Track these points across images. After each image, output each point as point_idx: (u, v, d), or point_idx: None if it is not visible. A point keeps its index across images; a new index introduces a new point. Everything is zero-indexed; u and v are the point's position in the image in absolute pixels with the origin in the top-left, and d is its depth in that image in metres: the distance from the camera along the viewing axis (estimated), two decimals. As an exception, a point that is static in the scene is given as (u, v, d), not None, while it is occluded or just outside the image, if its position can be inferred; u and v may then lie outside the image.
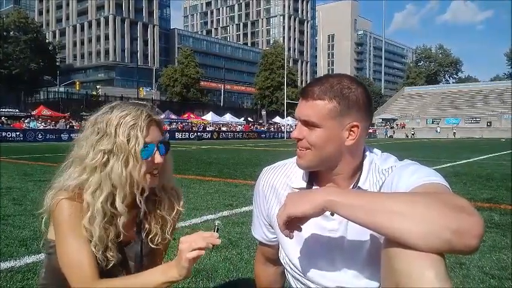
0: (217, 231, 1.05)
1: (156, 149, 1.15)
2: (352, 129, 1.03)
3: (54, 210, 1.12)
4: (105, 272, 1.13)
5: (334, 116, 1.01)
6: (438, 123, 54.31)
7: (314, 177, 1.13)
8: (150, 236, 1.25)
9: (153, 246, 1.25)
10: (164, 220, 1.27)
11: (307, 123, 1.04)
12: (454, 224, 0.75)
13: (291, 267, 1.18)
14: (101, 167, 1.11)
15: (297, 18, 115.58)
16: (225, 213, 4.23)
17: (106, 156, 1.11)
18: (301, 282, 1.16)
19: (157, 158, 1.15)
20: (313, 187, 1.12)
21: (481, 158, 12.72)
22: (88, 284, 1.08)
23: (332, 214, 1.08)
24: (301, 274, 1.14)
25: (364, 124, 1.05)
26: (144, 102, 1.23)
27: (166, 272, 1.06)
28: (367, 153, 1.12)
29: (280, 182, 1.20)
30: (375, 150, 1.15)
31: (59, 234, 1.11)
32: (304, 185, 1.14)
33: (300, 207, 0.89)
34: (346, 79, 1.05)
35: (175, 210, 1.29)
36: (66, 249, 1.10)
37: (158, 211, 1.26)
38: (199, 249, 1.00)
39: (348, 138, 1.03)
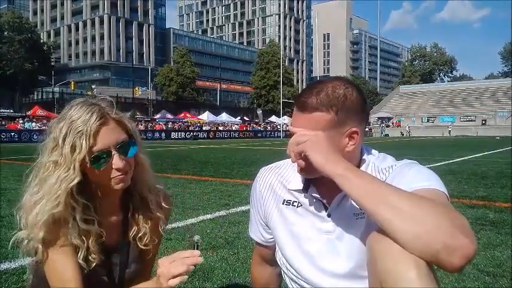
0: (197, 248, 0.98)
1: (114, 153, 1.07)
2: (352, 135, 1.02)
3: None
4: (88, 279, 1.10)
5: (332, 126, 1.00)
6: (408, 125, 54.05)
7: (311, 179, 1.13)
8: (139, 235, 1.21)
9: (142, 246, 1.22)
10: (153, 219, 1.23)
11: None
12: (448, 239, 0.76)
13: (287, 268, 1.18)
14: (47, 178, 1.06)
15: (292, 17, 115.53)
16: (222, 212, 4.22)
17: (53, 167, 1.06)
18: (298, 284, 1.16)
19: (116, 163, 1.07)
20: (310, 189, 1.12)
21: (475, 156, 12.77)
22: None
23: (329, 215, 1.09)
24: (298, 275, 1.14)
25: (363, 127, 1.05)
26: (103, 97, 1.14)
27: None
28: (365, 155, 1.12)
29: (277, 182, 1.21)
30: (373, 151, 1.15)
31: (43, 250, 1.09)
32: (300, 187, 1.14)
33: (317, 155, 0.94)
34: (340, 84, 1.02)
35: (162, 208, 1.26)
36: (51, 264, 1.08)
37: (147, 211, 1.23)
38: (180, 275, 0.95)
39: (348, 144, 1.03)
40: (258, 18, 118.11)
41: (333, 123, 1.00)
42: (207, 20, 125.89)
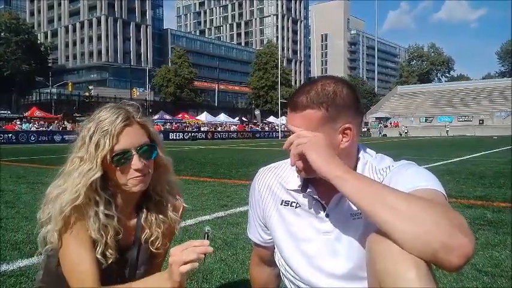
0: (207, 238, 1.01)
1: (134, 154, 1.12)
2: (346, 131, 1.03)
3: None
4: (101, 275, 1.12)
5: (325, 123, 1.01)
6: (405, 125, 54.24)
7: (309, 179, 1.12)
8: (151, 239, 1.24)
9: (153, 250, 1.24)
10: (166, 223, 1.26)
11: None
12: (446, 238, 0.76)
13: (286, 269, 1.18)
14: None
15: (290, 18, 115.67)
16: (220, 213, 4.22)
17: (78, 162, 1.12)
18: (296, 284, 1.16)
19: (135, 164, 1.12)
20: (308, 189, 1.12)
21: (473, 155, 12.81)
22: None
23: (327, 216, 1.09)
24: (296, 276, 1.14)
25: (356, 123, 1.05)
26: (131, 103, 1.21)
27: (159, 284, 1.06)
28: (361, 154, 1.12)
29: (276, 182, 1.21)
30: (369, 150, 1.15)
31: (61, 240, 1.12)
32: (299, 187, 1.14)
33: (316, 156, 0.95)
34: (330, 82, 1.04)
35: (177, 208, 1.30)
36: (68, 255, 1.11)
37: (161, 214, 1.26)
38: (191, 261, 0.98)
39: (342, 140, 1.03)
40: (255, 19, 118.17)
41: (325, 119, 1.01)
42: (205, 21, 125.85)
